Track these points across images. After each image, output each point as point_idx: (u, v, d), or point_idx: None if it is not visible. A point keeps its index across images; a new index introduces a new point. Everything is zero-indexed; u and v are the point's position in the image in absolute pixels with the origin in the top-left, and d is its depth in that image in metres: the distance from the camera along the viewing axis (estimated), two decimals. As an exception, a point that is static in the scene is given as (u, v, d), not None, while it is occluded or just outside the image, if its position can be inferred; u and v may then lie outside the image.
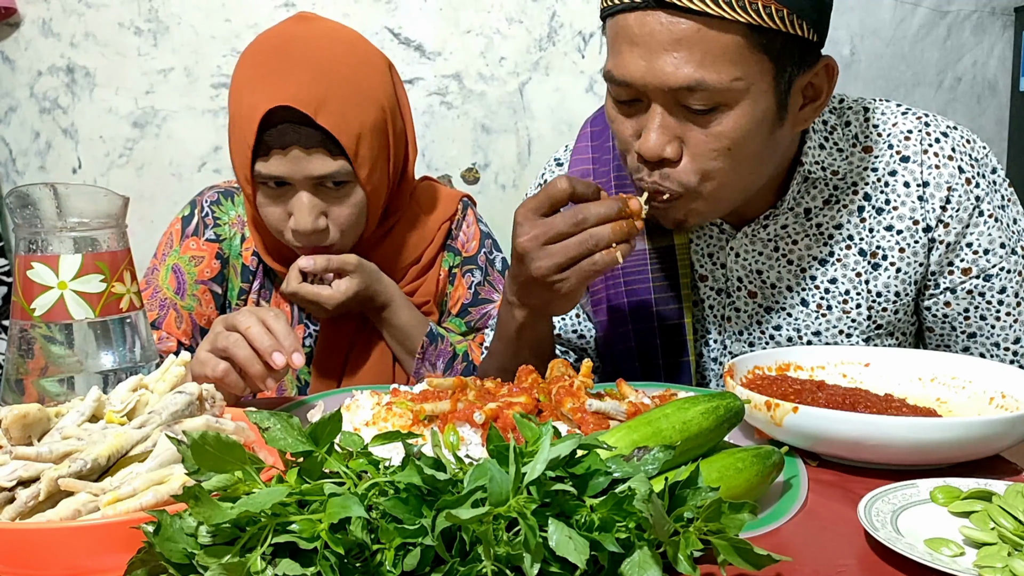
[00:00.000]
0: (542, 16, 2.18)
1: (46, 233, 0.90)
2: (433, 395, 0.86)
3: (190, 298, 1.22)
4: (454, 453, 0.59)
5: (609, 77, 0.95)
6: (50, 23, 2.10)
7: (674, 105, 0.92)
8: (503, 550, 0.50)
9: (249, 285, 1.25)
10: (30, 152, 2.16)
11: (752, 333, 1.13)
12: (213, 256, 1.23)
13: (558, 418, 0.81)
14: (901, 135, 1.06)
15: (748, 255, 1.10)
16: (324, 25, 1.18)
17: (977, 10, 2.37)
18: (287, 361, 0.90)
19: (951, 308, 1.08)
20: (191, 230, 1.24)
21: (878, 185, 1.06)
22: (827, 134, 1.06)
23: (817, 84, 0.97)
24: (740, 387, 0.84)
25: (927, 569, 0.58)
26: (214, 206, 1.26)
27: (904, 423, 0.74)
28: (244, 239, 1.25)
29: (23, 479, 0.64)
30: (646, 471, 0.59)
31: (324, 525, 0.50)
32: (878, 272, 1.07)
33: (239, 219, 1.26)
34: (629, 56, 0.92)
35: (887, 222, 1.06)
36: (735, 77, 0.89)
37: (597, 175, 1.16)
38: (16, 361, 0.91)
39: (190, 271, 1.22)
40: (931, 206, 1.04)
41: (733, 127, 0.92)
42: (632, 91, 0.94)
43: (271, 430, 0.58)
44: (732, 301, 1.12)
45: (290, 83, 1.09)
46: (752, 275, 1.11)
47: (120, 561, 0.53)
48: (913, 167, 1.05)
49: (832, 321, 1.09)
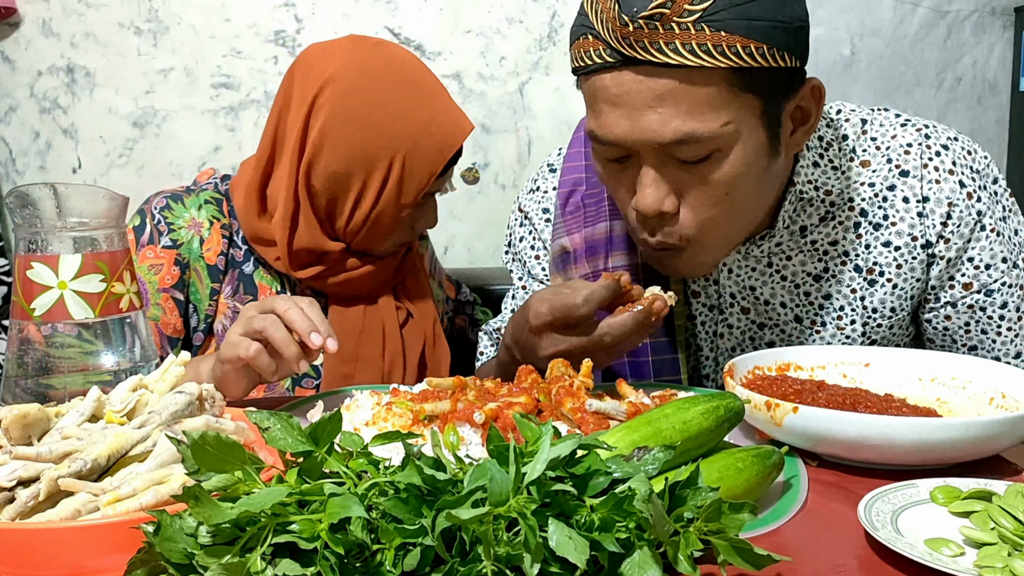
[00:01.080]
0: (542, 16, 2.18)
1: (46, 233, 0.90)
2: (433, 395, 0.86)
3: (154, 307, 1.21)
4: (454, 453, 0.59)
5: (594, 137, 0.93)
6: (50, 23, 2.10)
7: (666, 158, 0.90)
8: (503, 550, 0.50)
9: (219, 284, 1.24)
10: (30, 152, 2.16)
11: (745, 349, 1.12)
12: (172, 263, 1.21)
13: (558, 418, 0.81)
14: (900, 148, 1.04)
15: (741, 271, 1.08)
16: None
17: (977, 10, 2.37)
18: (323, 344, 0.91)
19: (951, 322, 1.07)
20: (145, 239, 1.21)
21: (875, 200, 1.04)
22: (822, 151, 1.04)
23: (805, 107, 0.95)
24: (740, 387, 0.84)
25: (927, 569, 0.58)
26: (165, 212, 1.23)
27: (904, 423, 0.74)
28: (203, 241, 1.24)
29: (23, 479, 0.64)
30: (646, 471, 0.59)
31: (324, 525, 0.50)
32: (874, 288, 1.05)
33: (194, 221, 1.24)
34: (612, 117, 0.89)
35: (884, 238, 1.04)
36: (724, 122, 0.87)
37: (589, 184, 1.15)
38: (16, 361, 0.91)
39: (150, 280, 1.20)
40: (931, 222, 1.02)
41: (729, 171, 0.90)
42: (620, 149, 0.92)
43: (271, 430, 0.58)
44: (724, 317, 1.11)
45: None
46: (745, 291, 1.09)
47: (120, 561, 0.53)
48: (913, 182, 1.03)
49: (826, 337, 1.08)
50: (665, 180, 0.91)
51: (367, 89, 1.17)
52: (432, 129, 1.19)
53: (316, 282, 1.25)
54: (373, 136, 1.17)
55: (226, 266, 1.25)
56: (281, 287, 1.27)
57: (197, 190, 1.28)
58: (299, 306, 0.94)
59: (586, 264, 1.12)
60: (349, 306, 1.28)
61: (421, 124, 1.19)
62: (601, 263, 1.11)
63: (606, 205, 1.12)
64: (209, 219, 1.25)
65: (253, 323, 0.93)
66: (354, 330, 1.27)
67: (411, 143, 1.18)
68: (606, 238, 1.11)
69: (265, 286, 1.26)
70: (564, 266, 1.14)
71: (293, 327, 0.93)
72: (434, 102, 1.21)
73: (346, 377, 1.24)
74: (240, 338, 0.94)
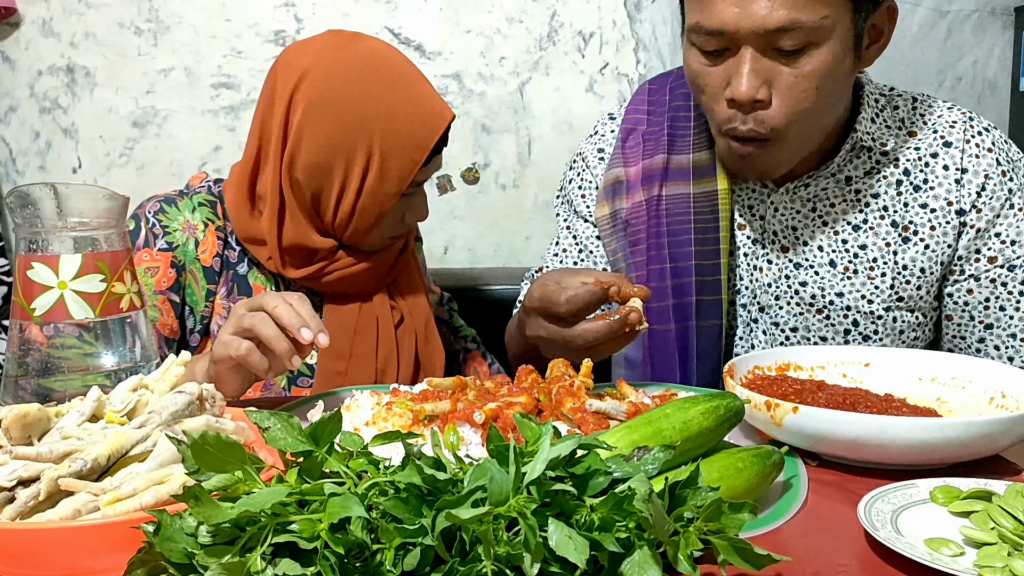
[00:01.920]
0: (542, 16, 2.18)
1: (46, 233, 0.90)
2: (433, 395, 0.86)
3: (151, 309, 1.22)
4: (454, 453, 0.59)
5: (697, 29, 1.00)
6: (50, 23, 2.10)
7: (765, 48, 0.97)
8: (503, 550, 0.50)
9: (215, 286, 1.25)
10: (30, 152, 2.16)
11: (779, 286, 1.17)
12: (168, 265, 1.22)
13: (558, 418, 0.81)
14: (946, 123, 1.13)
15: (786, 211, 1.16)
16: None
17: (977, 10, 2.37)
18: (313, 339, 0.91)
19: (972, 296, 1.12)
20: (140, 243, 1.23)
21: (919, 164, 1.12)
22: (878, 111, 1.13)
23: (879, 26, 1.05)
24: (740, 387, 0.84)
25: (927, 569, 0.58)
26: (159, 215, 1.25)
27: (904, 423, 0.74)
28: (198, 243, 1.25)
29: (23, 479, 0.64)
30: (646, 471, 0.60)
31: (324, 525, 0.50)
32: (907, 246, 1.12)
33: (188, 223, 1.25)
34: (721, 4, 0.97)
35: (922, 200, 1.11)
36: (824, 15, 0.95)
37: (651, 124, 1.22)
38: (16, 361, 0.91)
39: (147, 283, 1.21)
40: (967, 191, 1.10)
41: (821, 65, 0.98)
42: (722, 40, 0.99)
43: (271, 430, 0.58)
44: (765, 252, 1.18)
45: None
46: (787, 231, 1.16)
47: (120, 561, 0.53)
48: (954, 152, 1.11)
49: (856, 285, 1.13)
50: (762, 70, 0.99)
51: (342, 80, 1.17)
52: (411, 117, 1.19)
53: (310, 281, 1.25)
54: (349, 126, 1.17)
55: (221, 267, 1.25)
56: (275, 287, 1.27)
57: (190, 193, 1.28)
58: (288, 302, 0.94)
59: (640, 192, 1.20)
60: (343, 304, 1.28)
61: (398, 113, 1.18)
62: (656, 190, 1.19)
63: (665, 140, 1.21)
64: (204, 221, 1.25)
65: (243, 321, 0.94)
66: (348, 328, 1.27)
67: (389, 131, 1.17)
68: (662, 169, 1.19)
69: (259, 286, 1.26)
70: (614, 195, 1.22)
71: (282, 323, 0.92)
72: (412, 91, 1.20)
73: (339, 375, 1.24)
74: (231, 337, 0.94)
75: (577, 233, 1.29)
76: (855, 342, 1.14)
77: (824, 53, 0.98)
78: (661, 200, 1.18)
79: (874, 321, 1.12)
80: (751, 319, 1.18)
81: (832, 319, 1.14)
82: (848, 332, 1.14)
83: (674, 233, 1.17)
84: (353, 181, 1.19)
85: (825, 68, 0.98)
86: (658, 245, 1.17)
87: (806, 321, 1.15)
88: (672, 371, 1.15)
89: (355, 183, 1.19)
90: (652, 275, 1.17)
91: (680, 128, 1.19)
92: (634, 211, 1.20)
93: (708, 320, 1.15)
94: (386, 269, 1.32)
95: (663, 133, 1.21)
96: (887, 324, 1.12)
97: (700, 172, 1.17)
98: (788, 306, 1.15)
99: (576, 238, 1.29)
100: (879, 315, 1.12)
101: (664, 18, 2.30)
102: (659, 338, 1.16)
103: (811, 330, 1.15)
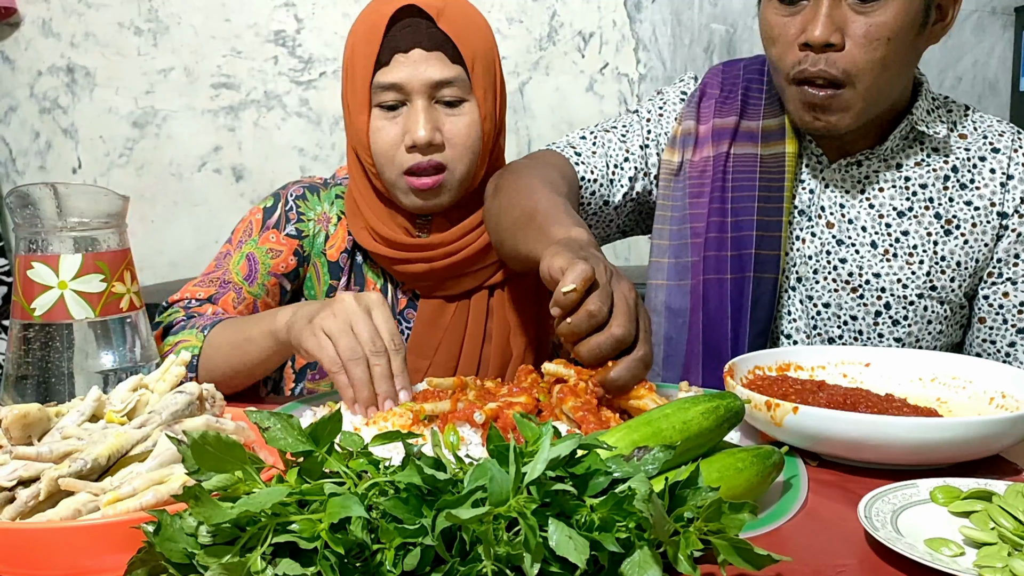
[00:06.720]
0: (542, 16, 2.18)
1: (46, 233, 0.90)
2: (433, 395, 0.86)
3: (259, 287, 1.22)
4: (454, 453, 0.59)
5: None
6: (50, 23, 2.10)
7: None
8: (503, 550, 0.50)
9: (338, 282, 1.25)
10: (30, 152, 2.16)
11: (819, 260, 1.19)
12: (291, 252, 1.23)
13: (558, 418, 0.81)
14: (995, 132, 1.19)
15: (837, 188, 1.19)
16: None
17: (977, 10, 2.37)
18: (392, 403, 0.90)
19: (1008, 299, 1.15)
20: (272, 222, 1.23)
21: (967, 163, 1.17)
22: (934, 107, 1.18)
23: (945, 6, 1.10)
24: (740, 387, 0.84)
25: (927, 569, 0.58)
26: (299, 200, 1.25)
27: (904, 423, 0.74)
28: (328, 237, 1.25)
29: (23, 479, 0.64)
30: (646, 471, 0.59)
31: (324, 525, 0.50)
32: (948, 238, 1.15)
33: (324, 216, 1.25)
34: None
35: (967, 197, 1.16)
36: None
37: (724, 91, 1.27)
38: (16, 361, 0.91)
39: (264, 261, 1.22)
40: (1012, 196, 1.15)
41: (893, 17, 1.04)
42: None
43: (271, 430, 0.58)
44: (811, 225, 1.20)
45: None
46: (835, 207, 1.19)
47: (120, 561, 0.53)
48: (1002, 158, 1.16)
49: (894, 268, 1.16)
50: (836, 16, 1.05)
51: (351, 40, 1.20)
52: (373, 19, 1.17)
53: (413, 282, 1.24)
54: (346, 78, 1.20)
55: (347, 264, 1.26)
56: (384, 281, 1.26)
57: (333, 184, 1.30)
58: (371, 323, 0.91)
59: (710, 147, 1.23)
60: (436, 299, 1.25)
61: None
62: (725, 147, 1.23)
63: (738, 105, 1.26)
64: (338, 214, 1.26)
65: (342, 345, 0.90)
66: (438, 325, 1.25)
67: (355, 38, 1.18)
68: (733, 129, 1.24)
69: (371, 280, 1.26)
70: (683, 146, 1.26)
71: (373, 376, 0.90)
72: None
73: (418, 372, 1.20)
74: (332, 359, 0.91)
75: (627, 135, 1.28)
76: (884, 325, 1.15)
77: (896, 7, 1.04)
78: (729, 158, 1.22)
79: (906, 307, 1.15)
80: (789, 287, 1.22)
81: (866, 299, 1.16)
82: (879, 314, 1.16)
83: (739, 189, 1.21)
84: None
85: (896, 23, 1.04)
86: (722, 199, 1.21)
87: (839, 298, 1.17)
88: (722, 322, 1.17)
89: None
90: (712, 226, 1.20)
91: (752, 97, 1.24)
92: (701, 165, 1.23)
93: (765, 272, 1.17)
94: (481, 271, 1.26)
95: (736, 100, 1.26)
96: (917, 311, 1.15)
97: (769, 135, 1.21)
98: (824, 281, 1.18)
99: (623, 139, 1.28)
100: (911, 300, 1.15)
101: (664, 18, 2.30)
102: (713, 287, 1.18)
103: (843, 308, 1.17)
